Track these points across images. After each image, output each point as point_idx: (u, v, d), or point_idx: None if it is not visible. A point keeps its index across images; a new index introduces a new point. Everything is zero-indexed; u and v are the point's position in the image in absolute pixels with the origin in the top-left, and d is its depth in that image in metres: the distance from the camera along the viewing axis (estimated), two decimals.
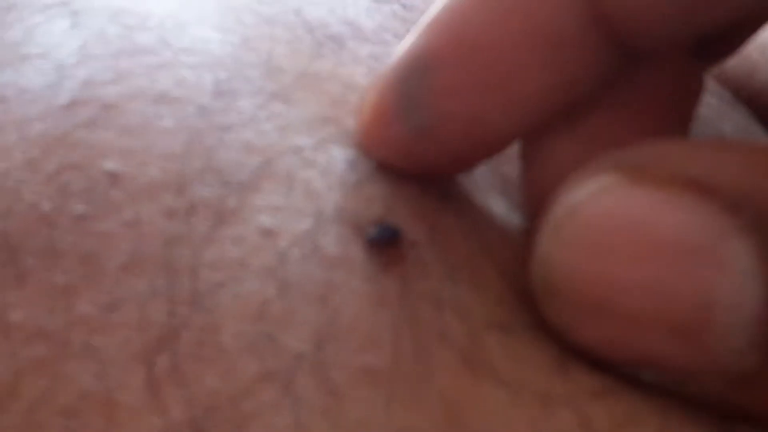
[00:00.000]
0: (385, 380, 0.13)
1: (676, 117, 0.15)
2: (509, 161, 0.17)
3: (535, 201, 0.15)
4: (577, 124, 0.14)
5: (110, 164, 0.14)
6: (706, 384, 0.13)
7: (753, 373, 0.12)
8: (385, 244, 0.14)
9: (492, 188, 0.17)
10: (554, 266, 0.13)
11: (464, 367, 0.14)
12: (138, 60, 0.16)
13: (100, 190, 0.14)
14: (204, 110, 0.15)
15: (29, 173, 0.14)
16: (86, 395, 0.12)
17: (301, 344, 0.13)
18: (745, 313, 0.12)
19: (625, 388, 0.14)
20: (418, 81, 0.13)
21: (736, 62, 0.19)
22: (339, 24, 0.19)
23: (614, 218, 0.12)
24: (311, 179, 0.15)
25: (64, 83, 0.15)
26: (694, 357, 0.12)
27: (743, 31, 0.16)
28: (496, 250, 0.15)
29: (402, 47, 0.13)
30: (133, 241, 0.13)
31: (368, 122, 0.14)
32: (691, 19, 0.12)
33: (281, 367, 0.13)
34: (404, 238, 0.14)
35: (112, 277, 0.13)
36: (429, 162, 0.14)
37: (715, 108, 0.19)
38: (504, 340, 0.14)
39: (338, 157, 0.15)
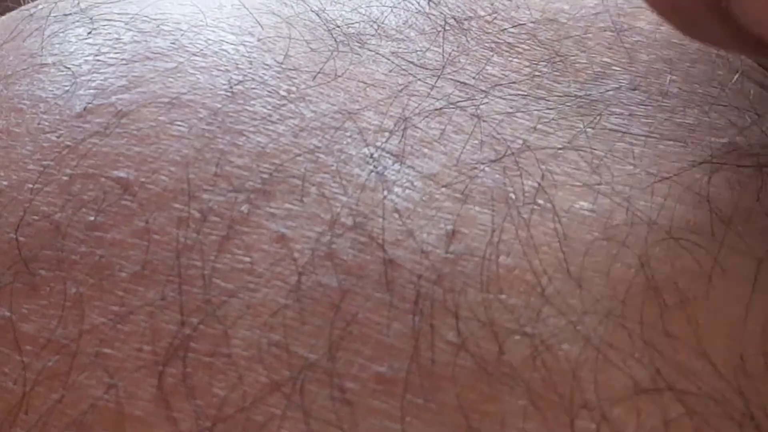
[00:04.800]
0: (400, 390, 0.13)
1: None
2: None
3: None
4: None
5: (122, 172, 0.14)
6: None
7: None
8: None
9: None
10: None
11: (483, 375, 0.13)
12: (151, 65, 0.16)
13: (112, 199, 0.14)
14: (216, 114, 0.15)
15: (42, 184, 0.14)
16: (96, 407, 0.12)
17: (313, 353, 0.13)
18: None
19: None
20: None
21: None
22: (361, 22, 0.19)
23: None
24: (324, 183, 0.15)
25: (78, 92, 0.15)
26: None
27: None
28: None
29: None
30: (144, 250, 0.13)
31: None
32: None
33: (292, 377, 0.12)
34: None
35: (123, 286, 0.13)
36: None
37: None
38: (527, 346, 0.14)
39: (353, 156, 0.15)
